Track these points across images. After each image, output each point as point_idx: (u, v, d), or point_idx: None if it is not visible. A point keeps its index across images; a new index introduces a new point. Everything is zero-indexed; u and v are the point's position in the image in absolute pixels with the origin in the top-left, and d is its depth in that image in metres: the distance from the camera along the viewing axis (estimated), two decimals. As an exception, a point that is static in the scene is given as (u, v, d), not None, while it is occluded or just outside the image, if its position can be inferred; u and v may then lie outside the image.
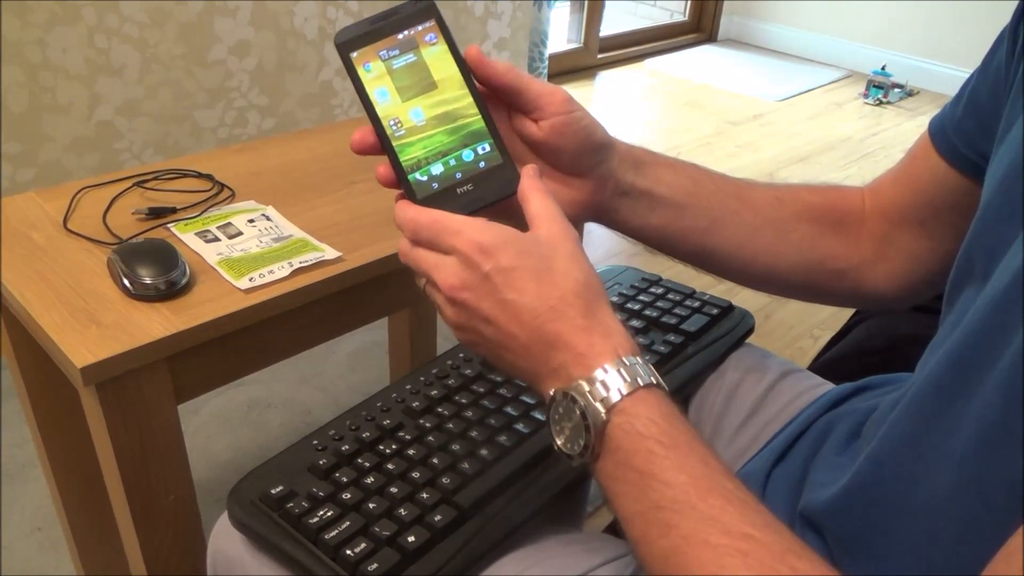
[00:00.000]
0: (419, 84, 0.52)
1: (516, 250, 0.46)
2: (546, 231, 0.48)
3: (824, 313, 1.95)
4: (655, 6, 4.45)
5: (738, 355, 0.72)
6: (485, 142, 0.52)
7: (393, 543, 0.52)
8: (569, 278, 0.46)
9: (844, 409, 0.62)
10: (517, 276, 0.46)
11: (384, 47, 0.52)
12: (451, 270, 0.47)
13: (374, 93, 0.52)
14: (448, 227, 0.48)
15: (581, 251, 0.48)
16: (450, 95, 0.52)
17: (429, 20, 0.52)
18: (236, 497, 0.57)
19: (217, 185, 0.94)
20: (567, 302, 0.46)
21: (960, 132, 0.56)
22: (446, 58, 0.52)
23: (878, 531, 0.44)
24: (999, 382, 0.36)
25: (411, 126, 0.52)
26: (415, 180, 0.52)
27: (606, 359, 0.44)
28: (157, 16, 1.65)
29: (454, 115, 0.52)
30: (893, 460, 0.44)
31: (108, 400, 0.68)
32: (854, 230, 0.64)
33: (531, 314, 0.46)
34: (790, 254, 0.64)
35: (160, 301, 0.72)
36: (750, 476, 0.60)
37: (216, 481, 1.36)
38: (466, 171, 0.52)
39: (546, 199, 0.50)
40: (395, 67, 0.52)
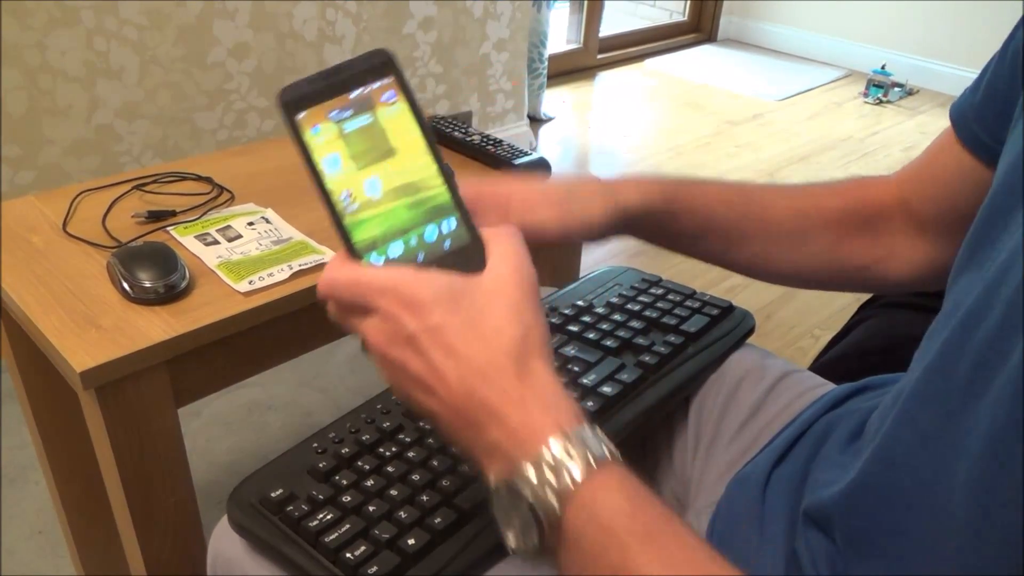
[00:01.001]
0: (375, 150, 0.45)
1: (446, 306, 0.42)
2: (491, 277, 0.43)
3: (824, 313, 1.95)
4: (654, 6, 4.45)
5: (738, 356, 0.72)
6: (451, 217, 0.46)
7: (393, 546, 0.52)
8: (502, 336, 0.41)
9: (845, 409, 0.62)
10: (443, 335, 0.41)
11: (335, 107, 0.45)
12: (377, 328, 0.43)
13: (323, 161, 0.44)
14: (371, 286, 0.43)
15: (529, 298, 0.43)
16: (411, 163, 0.45)
17: (387, 76, 0.45)
18: (236, 500, 0.57)
19: (216, 188, 0.94)
20: (496, 365, 0.41)
21: (980, 120, 0.55)
22: (406, 120, 0.45)
23: (889, 529, 0.44)
24: (1010, 381, 0.36)
25: (366, 200, 0.45)
26: (369, 264, 0.45)
27: (548, 435, 0.39)
28: (156, 18, 1.65)
29: (416, 187, 0.45)
30: (903, 459, 0.44)
31: (108, 404, 0.68)
32: (879, 227, 0.65)
33: (458, 379, 0.41)
34: (810, 262, 0.65)
35: (160, 304, 0.72)
36: (750, 477, 0.60)
37: (216, 483, 1.36)
38: (429, 252, 0.45)
39: (505, 239, 0.45)
40: (348, 131, 0.45)
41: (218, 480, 1.37)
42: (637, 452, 0.71)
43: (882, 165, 2.72)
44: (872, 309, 1.04)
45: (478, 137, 1.08)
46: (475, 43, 2.33)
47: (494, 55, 2.40)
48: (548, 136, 2.89)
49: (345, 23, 1.98)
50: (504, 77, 2.46)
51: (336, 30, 1.97)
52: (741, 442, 0.66)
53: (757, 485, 0.59)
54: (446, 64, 2.27)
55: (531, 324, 0.42)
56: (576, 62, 3.48)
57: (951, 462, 0.40)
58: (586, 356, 0.67)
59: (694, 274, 2.03)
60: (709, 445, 0.67)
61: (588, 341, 0.69)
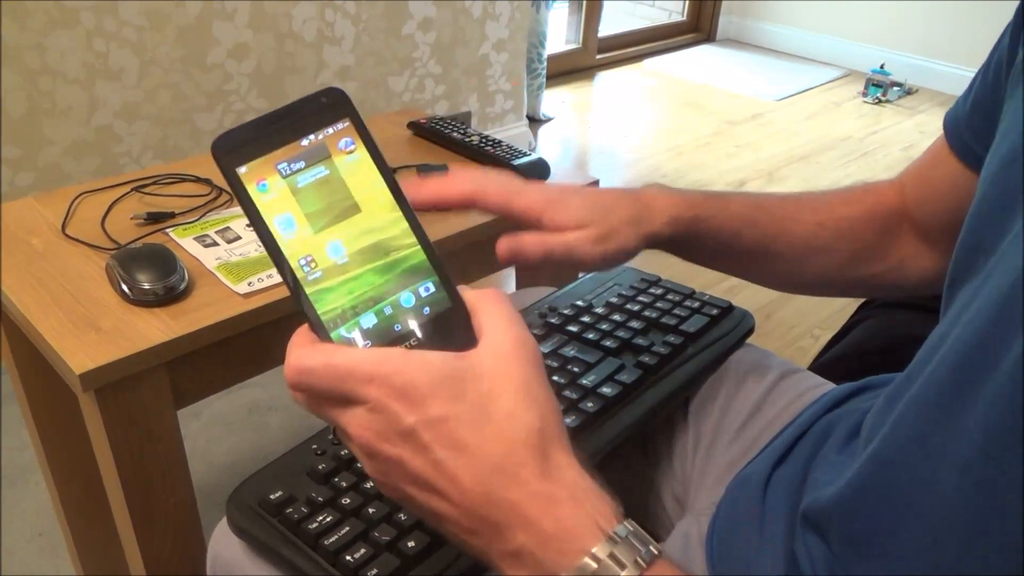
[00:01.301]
0: (336, 208, 0.39)
1: (448, 393, 0.36)
2: (492, 353, 0.38)
3: (824, 312, 1.95)
4: (653, 6, 4.45)
5: (738, 356, 0.72)
6: (428, 281, 0.40)
7: (393, 548, 0.52)
8: (517, 423, 0.36)
9: (844, 409, 0.62)
10: (449, 428, 0.36)
11: (284, 158, 0.38)
12: (363, 422, 0.37)
13: (274, 222, 0.38)
14: (353, 373, 0.36)
15: (537, 375, 0.38)
16: (378, 220, 0.39)
17: (342, 119, 0.39)
18: (235, 502, 0.56)
19: (215, 189, 0.94)
20: (516, 459, 0.36)
21: (970, 129, 0.56)
22: (369, 170, 0.39)
23: (886, 531, 0.44)
24: (1002, 385, 0.36)
25: (329, 265, 0.39)
26: (340, 339, 0.39)
27: (589, 541, 0.35)
28: (155, 19, 1.65)
29: (385, 247, 0.39)
30: (901, 460, 0.44)
31: (107, 405, 0.68)
32: (892, 232, 0.66)
33: (473, 478, 0.36)
34: (831, 273, 0.67)
35: (159, 306, 0.72)
36: (751, 478, 0.59)
37: (216, 484, 1.36)
38: (407, 321, 0.40)
39: (495, 306, 0.40)
40: (301, 185, 0.38)
41: (218, 481, 1.37)
42: (637, 453, 0.71)
43: (881, 164, 2.72)
44: (871, 309, 1.04)
45: (477, 138, 1.08)
46: (474, 43, 2.33)
47: (493, 55, 2.40)
48: (547, 136, 2.89)
49: (344, 24, 1.98)
50: (503, 77, 2.46)
51: (335, 31, 1.97)
52: (741, 443, 0.66)
53: (757, 486, 0.58)
54: (445, 64, 2.27)
55: (545, 406, 0.37)
56: (575, 62, 3.48)
57: (945, 465, 0.40)
58: (586, 357, 0.67)
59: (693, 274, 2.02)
60: (709, 446, 0.67)
61: (588, 341, 0.69)
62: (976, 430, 0.37)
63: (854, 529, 0.47)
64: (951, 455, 0.39)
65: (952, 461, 0.39)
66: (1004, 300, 0.37)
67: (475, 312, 0.40)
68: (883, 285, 0.68)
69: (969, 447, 0.38)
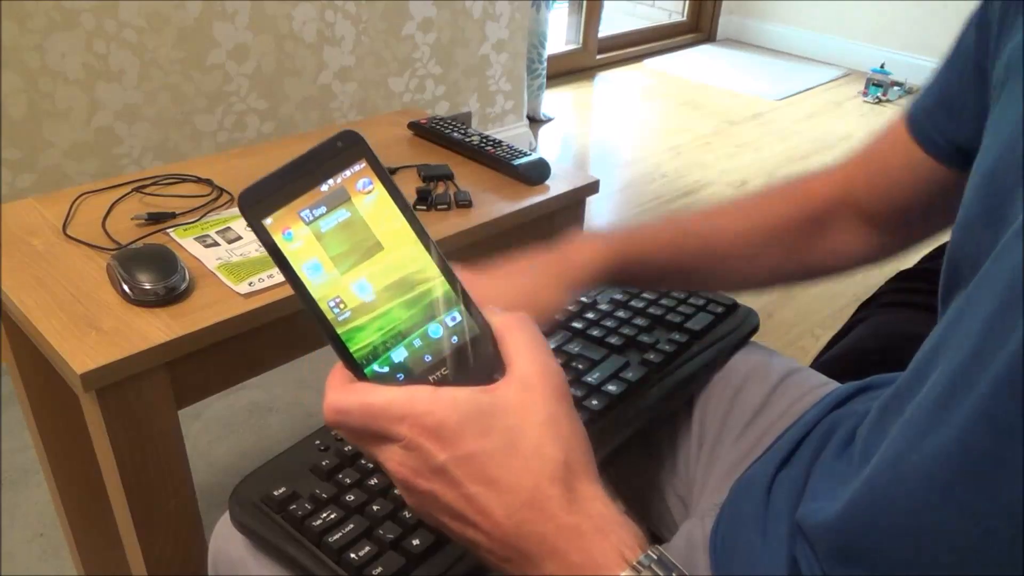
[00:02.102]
0: (360, 248, 0.40)
1: (476, 429, 0.37)
2: (518, 386, 0.39)
3: (825, 312, 1.94)
4: (653, 6, 4.45)
5: (743, 354, 0.72)
6: (454, 310, 0.41)
7: (398, 546, 0.52)
8: (544, 457, 0.37)
9: (845, 411, 0.62)
10: (479, 464, 0.37)
11: (306, 205, 0.39)
12: (399, 459, 0.39)
13: (302, 269, 0.39)
14: (386, 412, 0.38)
15: (562, 404, 0.39)
16: (401, 255, 0.40)
17: (359, 161, 0.40)
18: (238, 498, 0.56)
19: (216, 190, 0.93)
20: (544, 494, 0.37)
21: (934, 122, 0.56)
22: (388, 208, 0.40)
23: (871, 550, 0.44)
24: (981, 410, 0.35)
25: (358, 304, 0.40)
26: (374, 374, 0.40)
27: (614, 570, 0.36)
28: (155, 21, 1.65)
29: (410, 281, 0.40)
30: (881, 482, 0.43)
31: (108, 406, 0.68)
32: (826, 224, 0.67)
33: (503, 512, 0.37)
34: (764, 274, 0.68)
35: (160, 306, 0.72)
36: (754, 480, 0.59)
37: (217, 485, 1.36)
38: (437, 352, 0.41)
39: (521, 333, 0.41)
40: (325, 230, 0.40)
41: (219, 482, 1.37)
42: (641, 452, 0.71)
43: (882, 164, 2.71)
44: (872, 309, 1.04)
45: (477, 138, 1.08)
46: (474, 44, 2.33)
47: (493, 56, 2.40)
48: (547, 136, 2.89)
49: (344, 24, 1.98)
50: (503, 78, 2.46)
51: (335, 31, 1.97)
52: (745, 442, 0.66)
53: (761, 488, 0.58)
54: (445, 65, 2.27)
55: (570, 439, 0.39)
56: (575, 63, 3.48)
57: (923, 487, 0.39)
58: (590, 354, 0.67)
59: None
60: (713, 445, 0.67)
61: (592, 338, 0.69)
62: (953, 452, 0.37)
63: (842, 547, 0.46)
64: (925, 476, 0.38)
65: (926, 483, 0.38)
66: (989, 321, 0.37)
67: (501, 339, 0.41)
68: (820, 272, 0.69)
69: (946, 469, 0.37)
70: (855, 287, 2.04)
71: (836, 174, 0.68)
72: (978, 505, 0.35)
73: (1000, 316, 0.35)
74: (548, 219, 1.00)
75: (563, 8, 3.43)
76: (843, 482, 0.49)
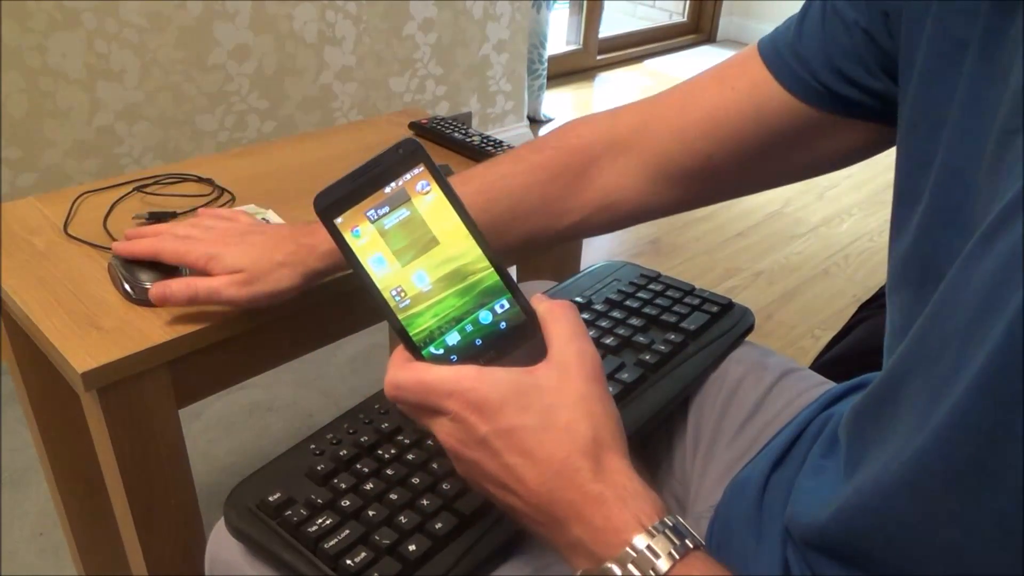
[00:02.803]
0: (418, 243, 0.45)
1: (515, 406, 0.42)
2: (556, 368, 0.43)
3: (825, 313, 1.95)
4: (654, 7, 4.45)
5: (738, 353, 0.72)
6: (502, 298, 0.46)
7: (394, 552, 0.51)
8: (575, 433, 0.42)
9: (836, 409, 0.62)
10: (517, 437, 0.42)
11: (371, 205, 0.45)
12: (448, 430, 0.43)
13: (369, 262, 0.45)
14: (436, 388, 0.43)
15: (595, 386, 0.43)
16: (455, 250, 0.45)
17: (418, 165, 0.45)
18: (233, 503, 0.56)
19: (217, 189, 0.94)
20: (573, 466, 0.41)
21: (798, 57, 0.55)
22: (443, 207, 0.45)
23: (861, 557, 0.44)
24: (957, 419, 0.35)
25: (416, 293, 0.45)
26: (430, 355, 0.45)
27: (630, 533, 0.39)
28: (156, 21, 1.65)
29: (463, 272, 0.45)
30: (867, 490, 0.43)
31: (109, 405, 0.68)
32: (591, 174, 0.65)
33: (536, 481, 0.41)
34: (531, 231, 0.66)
35: (161, 306, 0.72)
36: (748, 481, 0.59)
37: (218, 485, 1.36)
38: (486, 336, 0.46)
39: (562, 320, 0.45)
40: (387, 227, 0.45)
41: (219, 481, 1.38)
42: (636, 453, 0.71)
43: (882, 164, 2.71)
44: (872, 309, 1.04)
45: (478, 138, 1.08)
46: (475, 44, 2.33)
47: (494, 56, 2.40)
48: (548, 137, 2.89)
49: (345, 24, 1.98)
50: (504, 78, 2.46)
51: (336, 32, 1.97)
52: (741, 443, 0.66)
53: (755, 489, 0.58)
54: (446, 65, 2.28)
55: (600, 416, 0.43)
56: (576, 63, 3.48)
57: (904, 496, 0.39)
58: (586, 356, 0.67)
59: (693, 275, 2.03)
60: (709, 446, 0.67)
61: (588, 341, 0.69)
62: (933, 461, 0.37)
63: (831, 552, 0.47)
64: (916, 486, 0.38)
65: (917, 493, 0.38)
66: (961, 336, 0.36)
67: (544, 324, 0.45)
68: (581, 230, 0.67)
69: (930, 478, 0.37)
70: (855, 288, 2.04)
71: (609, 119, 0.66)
72: (963, 512, 0.36)
73: (974, 323, 0.35)
74: (548, 220, 1.00)
75: (564, 9, 3.43)
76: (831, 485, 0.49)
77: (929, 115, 0.45)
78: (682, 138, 0.62)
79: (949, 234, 0.41)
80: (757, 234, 2.30)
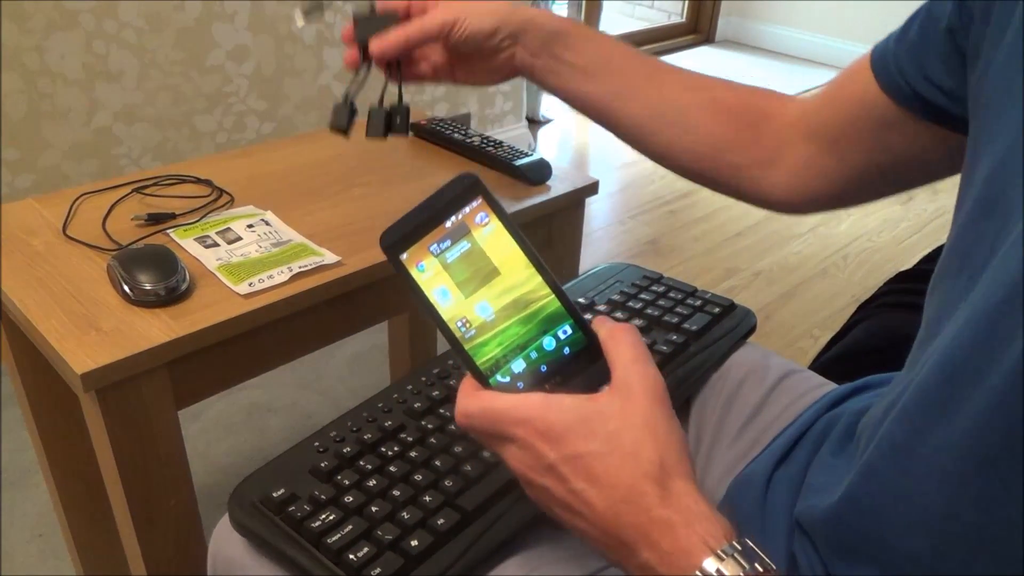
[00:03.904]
0: (480, 274, 0.46)
1: (581, 433, 0.42)
2: (620, 395, 0.44)
3: (824, 313, 1.95)
4: (652, 7, 4.45)
5: (740, 355, 0.72)
6: (565, 324, 0.46)
7: (396, 547, 0.52)
8: (640, 459, 0.42)
9: (842, 409, 0.62)
10: (584, 464, 0.42)
11: (434, 240, 0.46)
12: (517, 457, 0.44)
13: (434, 294, 0.46)
14: (504, 417, 0.44)
15: (660, 410, 0.44)
16: (516, 279, 0.46)
17: (476, 198, 0.46)
18: (237, 499, 0.56)
19: (216, 190, 0.94)
20: (639, 491, 0.41)
21: (901, 69, 0.57)
22: (503, 237, 0.46)
23: (874, 541, 0.44)
24: (996, 398, 0.36)
25: (481, 323, 0.46)
26: (497, 383, 0.46)
27: (700, 557, 0.39)
28: (155, 22, 1.65)
29: (525, 301, 0.46)
30: (881, 471, 0.44)
31: (108, 406, 0.68)
32: (759, 130, 0.67)
33: (604, 506, 0.42)
34: (687, 141, 0.69)
35: (160, 307, 0.72)
36: (752, 479, 0.59)
37: (217, 486, 1.36)
38: (551, 361, 0.46)
39: (624, 345, 0.46)
40: (450, 260, 0.46)
41: (218, 482, 1.37)
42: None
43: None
44: (871, 309, 1.04)
45: (478, 139, 1.08)
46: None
47: (493, 57, 2.40)
48: (547, 138, 2.89)
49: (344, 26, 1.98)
50: (503, 79, 2.46)
51: (335, 33, 1.97)
52: (742, 443, 0.66)
53: (758, 487, 0.59)
54: (445, 66, 2.27)
55: (666, 441, 0.43)
56: (574, 64, 3.48)
57: (929, 477, 0.40)
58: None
59: (692, 275, 2.03)
60: (711, 446, 0.67)
61: (589, 341, 0.69)
62: (965, 443, 0.37)
63: (843, 539, 0.47)
64: (933, 468, 0.39)
65: (937, 474, 0.39)
66: (996, 313, 0.37)
67: (606, 348, 0.46)
68: (736, 181, 0.69)
69: (959, 460, 0.38)
70: (854, 288, 2.04)
71: (798, 98, 0.68)
72: (994, 495, 0.36)
73: (1007, 308, 0.36)
74: (547, 220, 1.00)
75: (563, 9, 3.43)
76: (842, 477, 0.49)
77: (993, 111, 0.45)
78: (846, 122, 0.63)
79: (992, 224, 0.41)
80: (756, 234, 2.30)
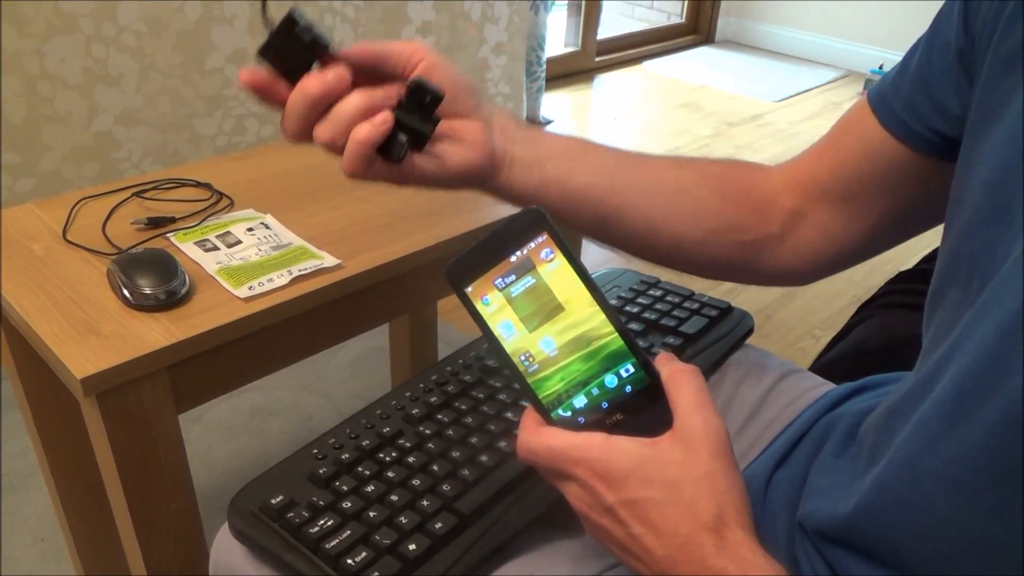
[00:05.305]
0: (544, 309, 0.46)
1: (640, 478, 0.43)
2: (678, 440, 0.44)
3: (824, 313, 1.95)
4: (652, 8, 4.45)
5: (738, 356, 0.72)
6: (628, 363, 0.46)
7: (394, 551, 0.52)
8: (699, 510, 0.42)
9: (843, 410, 0.62)
10: (641, 508, 0.43)
11: (499, 274, 0.47)
12: (576, 495, 0.45)
13: (498, 328, 0.46)
14: (565, 455, 0.44)
15: (721, 459, 0.44)
16: (579, 316, 0.46)
17: (541, 234, 0.46)
18: (236, 507, 0.57)
19: (216, 194, 0.94)
20: (696, 540, 0.42)
21: (909, 108, 0.54)
22: (567, 274, 0.46)
23: (889, 549, 0.44)
24: (1011, 414, 0.36)
25: (544, 358, 0.46)
26: (559, 417, 0.46)
27: None
28: (154, 25, 1.65)
29: (588, 338, 0.46)
30: (895, 483, 0.44)
31: (109, 410, 0.68)
32: (760, 203, 0.64)
33: (661, 552, 0.42)
34: (692, 219, 0.63)
35: (160, 311, 0.72)
36: (751, 480, 0.59)
37: (218, 489, 1.36)
38: (613, 399, 0.46)
39: (686, 388, 0.45)
40: (515, 295, 0.46)
41: (219, 485, 1.38)
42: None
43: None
44: (871, 309, 1.04)
45: (477, 141, 1.08)
46: (473, 47, 2.33)
47: (492, 59, 2.40)
48: (547, 139, 2.89)
49: (344, 28, 1.98)
50: (502, 80, 2.46)
51: (335, 35, 1.97)
52: (741, 444, 0.66)
53: (758, 489, 0.59)
54: (444, 68, 2.27)
55: (725, 493, 0.43)
56: (574, 65, 3.49)
57: (941, 490, 0.40)
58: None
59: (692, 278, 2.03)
60: None
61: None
62: (980, 455, 0.37)
63: (856, 546, 0.47)
64: (950, 479, 0.39)
65: (952, 486, 0.39)
66: (1011, 326, 0.37)
67: (668, 389, 0.46)
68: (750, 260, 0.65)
69: (974, 473, 0.38)
70: (855, 288, 2.04)
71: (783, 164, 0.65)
72: (1005, 506, 0.36)
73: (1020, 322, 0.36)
74: (547, 222, 1.00)
75: (562, 10, 3.43)
76: (849, 482, 0.49)
77: (988, 117, 0.45)
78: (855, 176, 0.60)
79: (1000, 231, 0.41)
80: (756, 235, 2.29)
